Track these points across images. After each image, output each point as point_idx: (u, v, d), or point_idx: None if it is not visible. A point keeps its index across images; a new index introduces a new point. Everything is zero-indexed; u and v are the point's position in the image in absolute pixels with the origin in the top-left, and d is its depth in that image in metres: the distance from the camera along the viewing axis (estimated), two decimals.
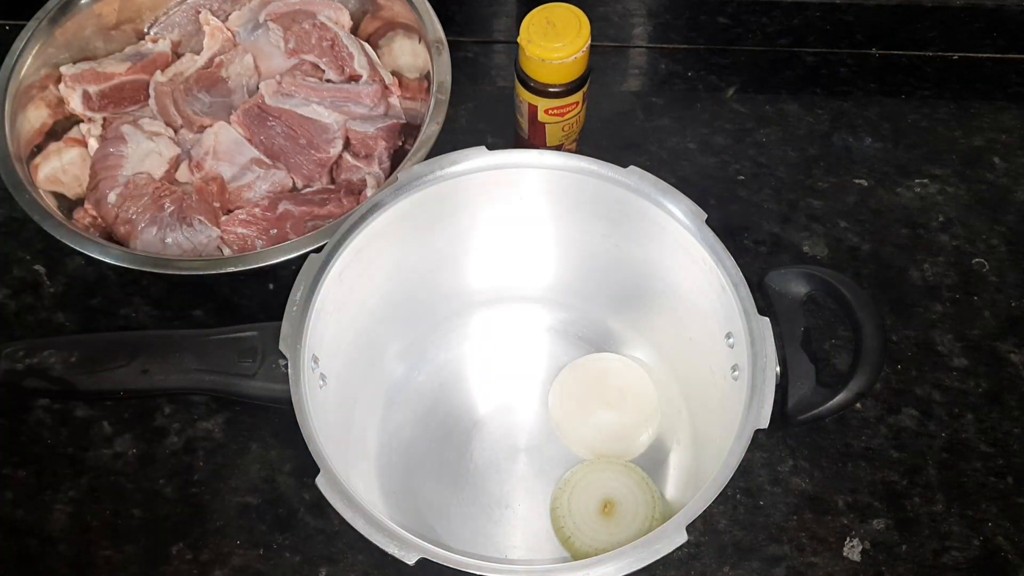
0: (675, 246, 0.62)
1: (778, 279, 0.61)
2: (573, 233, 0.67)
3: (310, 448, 0.55)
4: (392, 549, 0.52)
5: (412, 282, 0.68)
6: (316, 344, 0.59)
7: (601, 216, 0.65)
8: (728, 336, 0.60)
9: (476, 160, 0.63)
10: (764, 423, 0.55)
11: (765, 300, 0.61)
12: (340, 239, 0.61)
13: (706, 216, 0.61)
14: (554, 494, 0.66)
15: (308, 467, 0.54)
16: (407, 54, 0.80)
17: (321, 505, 0.65)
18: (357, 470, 0.65)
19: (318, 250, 0.61)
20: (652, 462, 0.67)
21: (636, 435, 0.68)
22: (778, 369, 0.57)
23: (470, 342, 0.73)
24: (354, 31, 0.81)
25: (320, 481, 0.54)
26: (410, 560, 0.52)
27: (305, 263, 0.60)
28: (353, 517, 0.53)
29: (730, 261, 0.59)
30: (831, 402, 0.58)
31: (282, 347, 0.58)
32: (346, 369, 0.64)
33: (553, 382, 0.70)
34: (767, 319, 0.58)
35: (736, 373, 0.59)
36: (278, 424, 0.70)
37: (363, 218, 0.62)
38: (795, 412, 0.58)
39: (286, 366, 0.57)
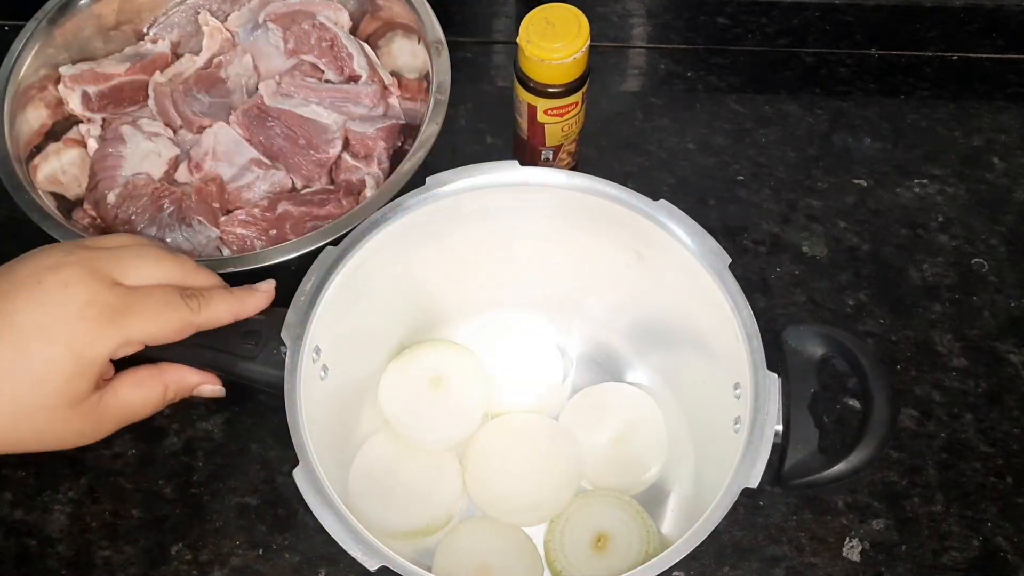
0: (695, 287, 0.60)
1: (795, 335, 0.59)
2: (596, 257, 0.66)
3: (293, 438, 0.54)
4: (356, 553, 0.51)
5: (427, 288, 0.68)
6: (321, 335, 0.59)
7: (626, 246, 0.64)
8: (736, 387, 0.58)
9: (507, 173, 0.63)
10: (754, 483, 0.53)
11: (779, 355, 0.59)
12: (360, 236, 0.61)
13: (730, 261, 0.59)
14: (547, 527, 0.64)
15: None
16: (406, 54, 0.80)
17: None
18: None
19: (335, 242, 0.61)
20: (652, 500, 0.66)
21: (642, 470, 0.66)
22: (779, 428, 0.55)
23: (480, 352, 0.70)
24: (353, 31, 0.81)
25: (297, 473, 0.53)
26: (372, 566, 0.51)
27: (321, 254, 0.60)
28: (323, 514, 0.52)
29: (747, 311, 0.58)
30: (828, 471, 0.55)
31: (283, 334, 0.58)
32: (351, 366, 0.64)
33: (566, 405, 0.69)
34: (775, 375, 0.56)
35: (737, 426, 0.57)
36: (277, 425, 0.69)
37: (385, 217, 0.61)
38: (790, 475, 0.56)
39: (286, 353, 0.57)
